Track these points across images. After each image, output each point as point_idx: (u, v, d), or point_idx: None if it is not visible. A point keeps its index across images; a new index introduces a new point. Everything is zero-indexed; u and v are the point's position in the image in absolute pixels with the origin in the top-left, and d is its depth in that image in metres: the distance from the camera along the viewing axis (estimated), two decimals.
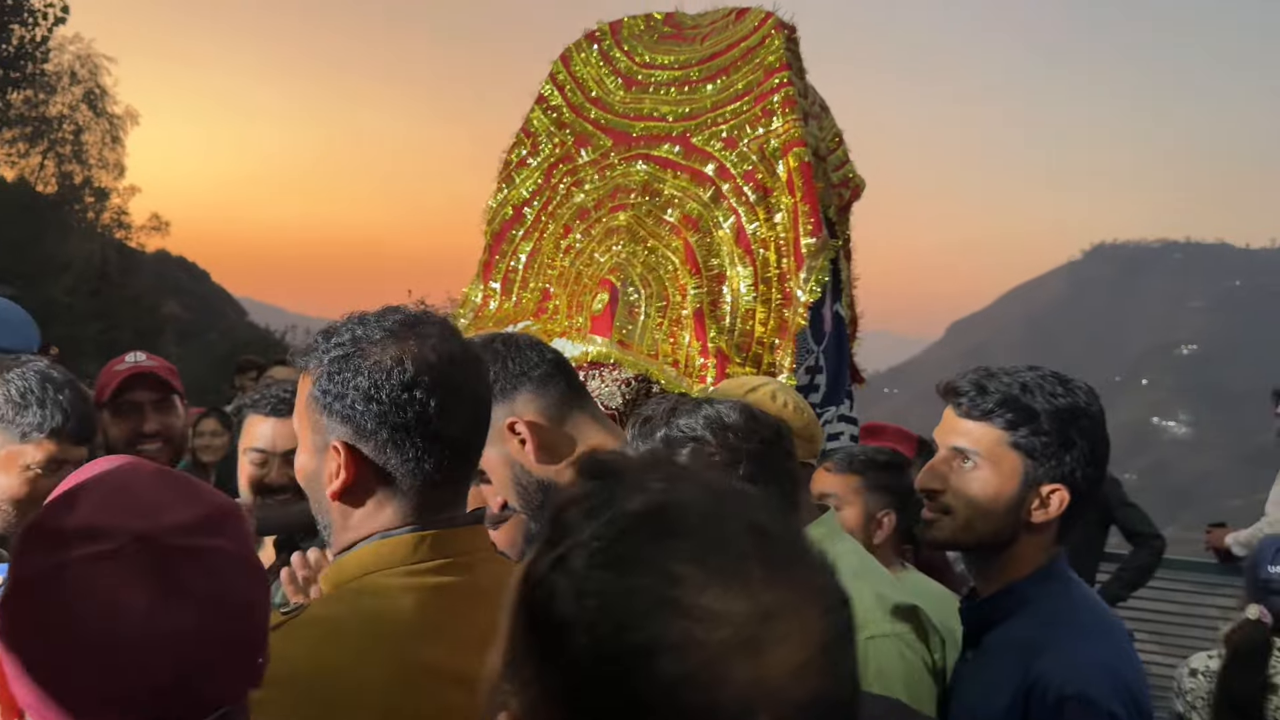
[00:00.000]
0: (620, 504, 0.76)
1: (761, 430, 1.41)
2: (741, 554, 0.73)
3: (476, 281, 3.28)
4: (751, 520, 0.76)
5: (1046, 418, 1.72)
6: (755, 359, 2.71)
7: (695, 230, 2.83)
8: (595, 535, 0.74)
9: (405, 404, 1.38)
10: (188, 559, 1.01)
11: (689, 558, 0.72)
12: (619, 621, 0.71)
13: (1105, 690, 1.63)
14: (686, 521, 0.74)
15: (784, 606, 0.72)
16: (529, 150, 3.28)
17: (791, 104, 2.83)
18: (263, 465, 2.46)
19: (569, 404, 1.87)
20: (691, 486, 0.78)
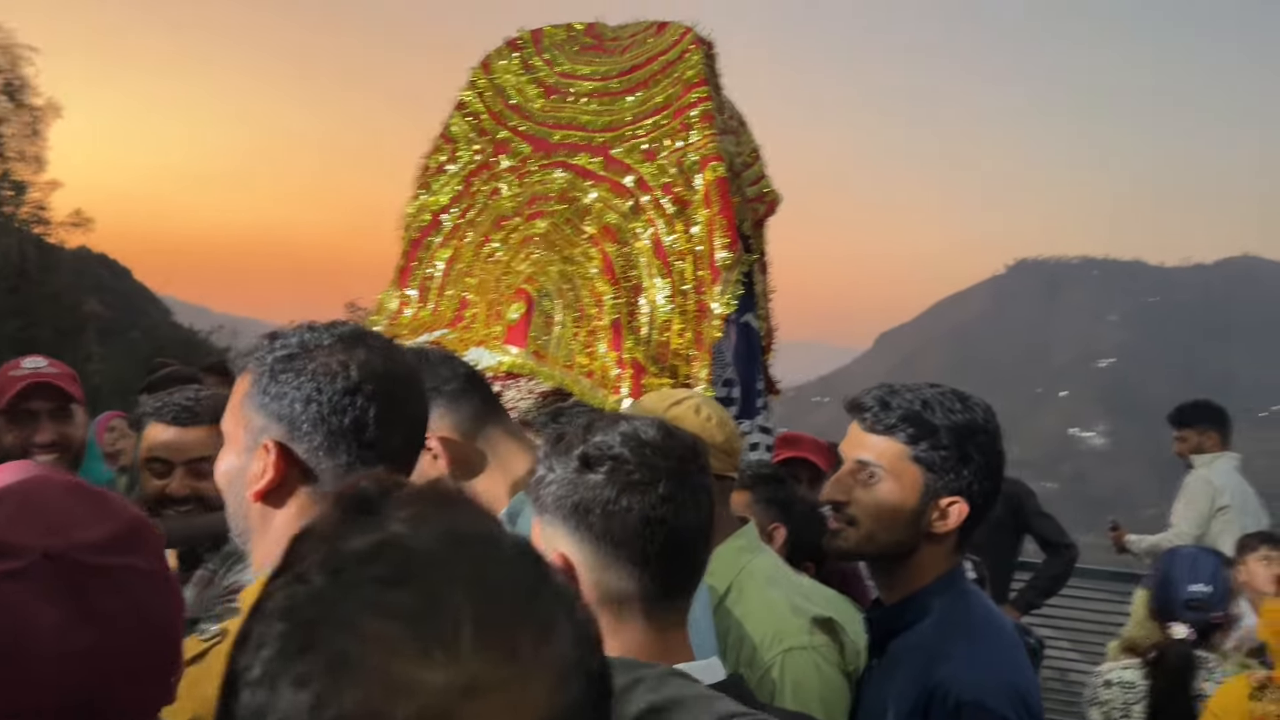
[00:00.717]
0: (346, 541, 0.66)
1: (678, 447, 1.38)
2: (455, 613, 0.62)
3: (393, 287, 3.24)
4: (480, 573, 0.65)
5: (945, 433, 1.79)
6: (672, 370, 2.72)
7: (614, 241, 2.83)
8: (301, 576, 0.65)
9: (345, 409, 1.36)
10: (98, 578, 0.99)
11: (398, 613, 0.61)
12: (284, 680, 0.61)
13: (999, 696, 1.69)
14: (405, 568, 0.64)
15: (494, 679, 0.61)
16: (448, 156, 3.25)
17: (709, 119, 2.85)
18: (164, 475, 2.39)
19: (483, 418, 1.86)
20: (432, 526, 0.67)
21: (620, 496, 1.30)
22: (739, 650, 1.98)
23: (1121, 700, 2.85)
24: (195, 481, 2.38)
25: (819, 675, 1.95)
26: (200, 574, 2.40)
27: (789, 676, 1.93)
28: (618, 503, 1.30)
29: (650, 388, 2.61)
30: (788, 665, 1.94)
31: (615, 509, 1.30)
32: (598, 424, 1.42)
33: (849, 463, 1.86)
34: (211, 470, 2.38)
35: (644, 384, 2.63)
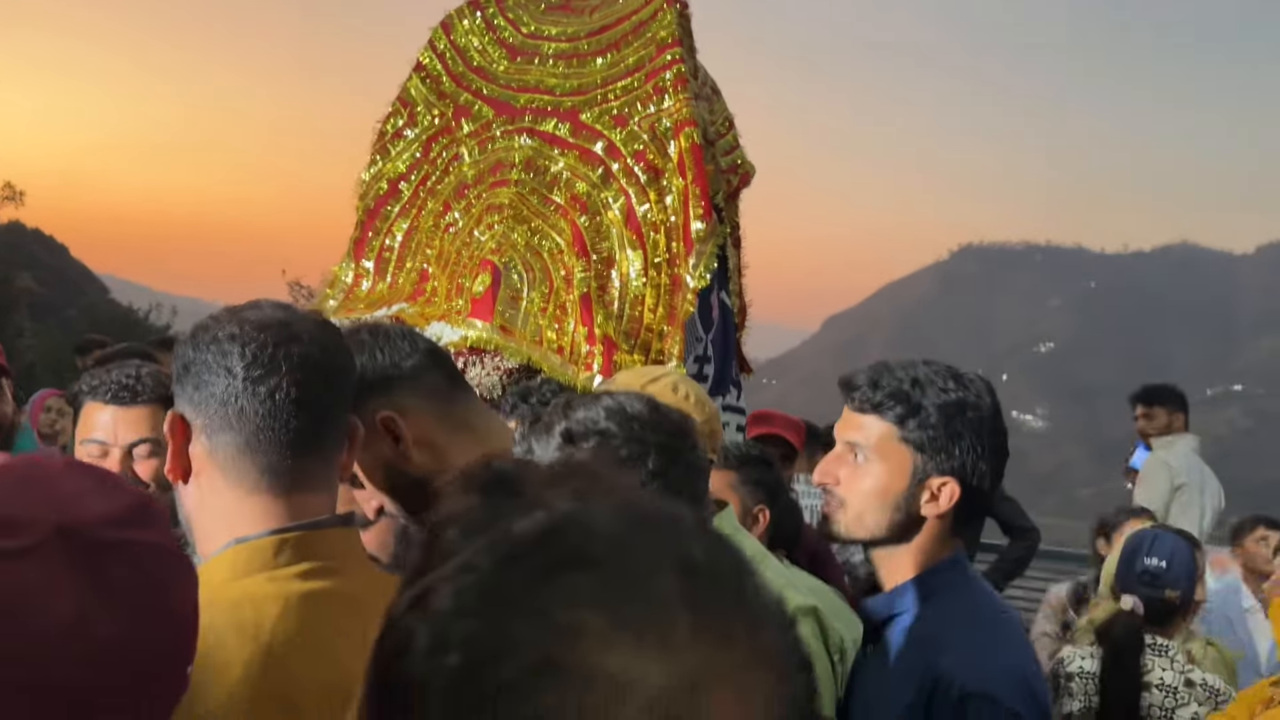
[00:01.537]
0: (507, 523, 0.57)
1: (666, 421, 1.33)
2: (663, 599, 0.53)
3: (347, 260, 3.09)
4: (681, 552, 0.56)
5: (935, 412, 1.72)
6: (644, 346, 2.61)
7: (584, 212, 2.70)
8: (467, 566, 0.55)
9: (254, 393, 1.29)
10: (115, 555, 0.86)
11: (590, 601, 0.53)
12: (485, 691, 0.52)
13: (1007, 689, 1.63)
14: (591, 550, 0.55)
15: (718, 672, 0.53)
16: (406, 121, 3.09)
17: (683, 82, 2.73)
18: (102, 458, 2.23)
19: (446, 396, 1.74)
20: (607, 504, 0.59)
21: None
22: None
23: (1083, 691, 2.83)
24: (135, 464, 2.24)
25: None
26: None
27: None
28: None
29: (622, 364, 2.51)
30: None
31: None
32: (578, 400, 1.35)
33: (839, 444, 1.79)
34: (152, 452, 2.25)
35: (615, 360, 2.52)
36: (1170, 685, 2.76)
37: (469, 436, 1.73)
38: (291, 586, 1.30)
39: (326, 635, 1.30)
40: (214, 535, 1.34)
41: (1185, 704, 2.73)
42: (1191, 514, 5.21)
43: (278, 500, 1.32)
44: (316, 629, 1.30)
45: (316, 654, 1.28)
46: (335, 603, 1.32)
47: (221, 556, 1.32)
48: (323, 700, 1.28)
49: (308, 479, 1.34)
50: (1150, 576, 2.94)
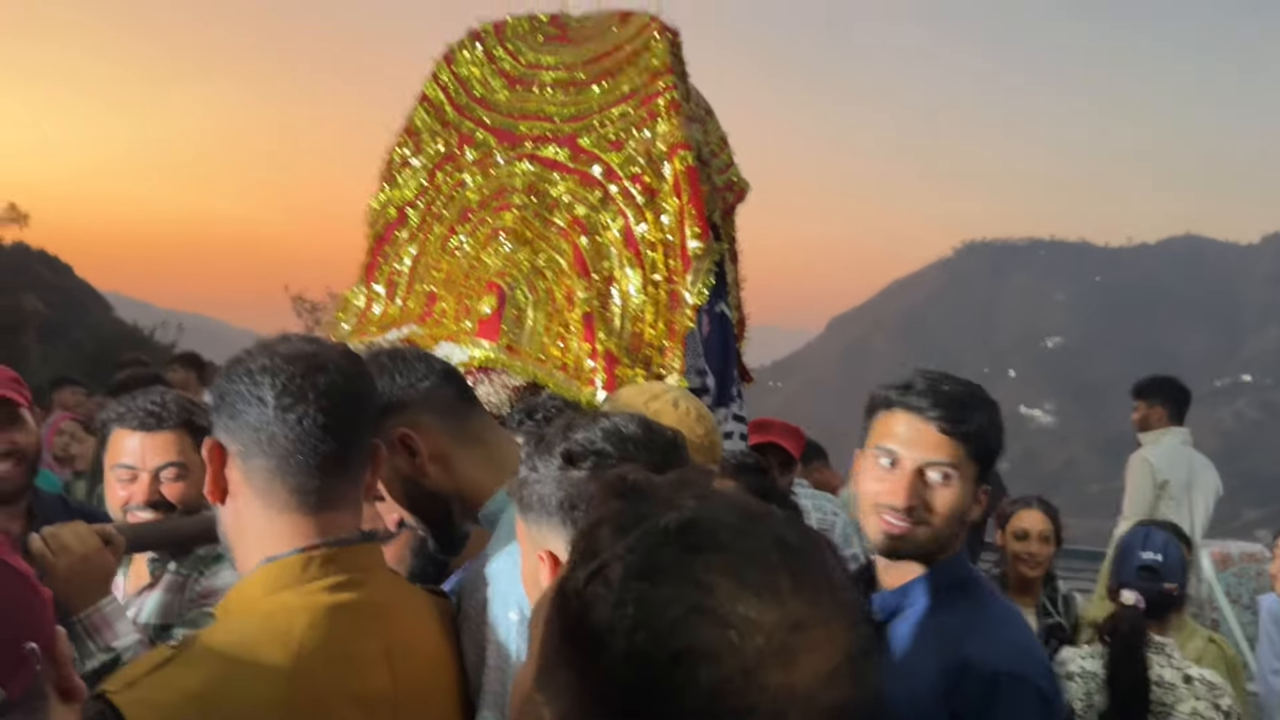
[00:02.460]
0: (654, 519, 0.79)
1: (659, 441, 1.42)
2: (771, 567, 0.76)
3: (359, 284, 3.20)
4: (779, 536, 0.79)
5: (990, 430, 1.87)
6: (645, 361, 2.71)
7: (584, 233, 2.81)
8: (630, 548, 0.77)
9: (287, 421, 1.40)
10: None
11: (722, 569, 0.74)
12: (656, 628, 0.73)
13: (1033, 668, 1.78)
14: (717, 536, 0.77)
15: (813, 617, 0.75)
16: (412, 150, 3.20)
17: (676, 107, 2.84)
18: (131, 482, 2.34)
19: (459, 414, 1.85)
20: (721, 504, 0.81)
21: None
22: None
23: (1084, 690, 2.88)
24: (162, 487, 2.35)
25: None
26: (170, 579, 2.36)
27: None
28: None
29: (624, 379, 2.60)
30: None
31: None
32: (578, 422, 1.44)
33: (914, 462, 1.83)
34: (179, 475, 2.36)
35: (617, 375, 2.62)
36: (1169, 682, 2.80)
37: (480, 451, 1.84)
38: (319, 599, 1.40)
39: (352, 644, 1.40)
40: (249, 553, 1.46)
41: (1184, 700, 2.78)
42: (1180, 510, 5.24)
43: (306, 519, 1.43)
44: (343, 638, 1.40)
45: (343, 661, 1.39)
46: (360, 613, 1.43)
47: (254, 574, 1.43)
48: (349, 703, 1.38)
49: (335, 499, 1.45)
50: (1149, 571, 3.01)
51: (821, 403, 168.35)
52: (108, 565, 2.07)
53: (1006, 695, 1.72)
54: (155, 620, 2.31)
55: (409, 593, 1.62)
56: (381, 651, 1.43)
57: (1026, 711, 1.73)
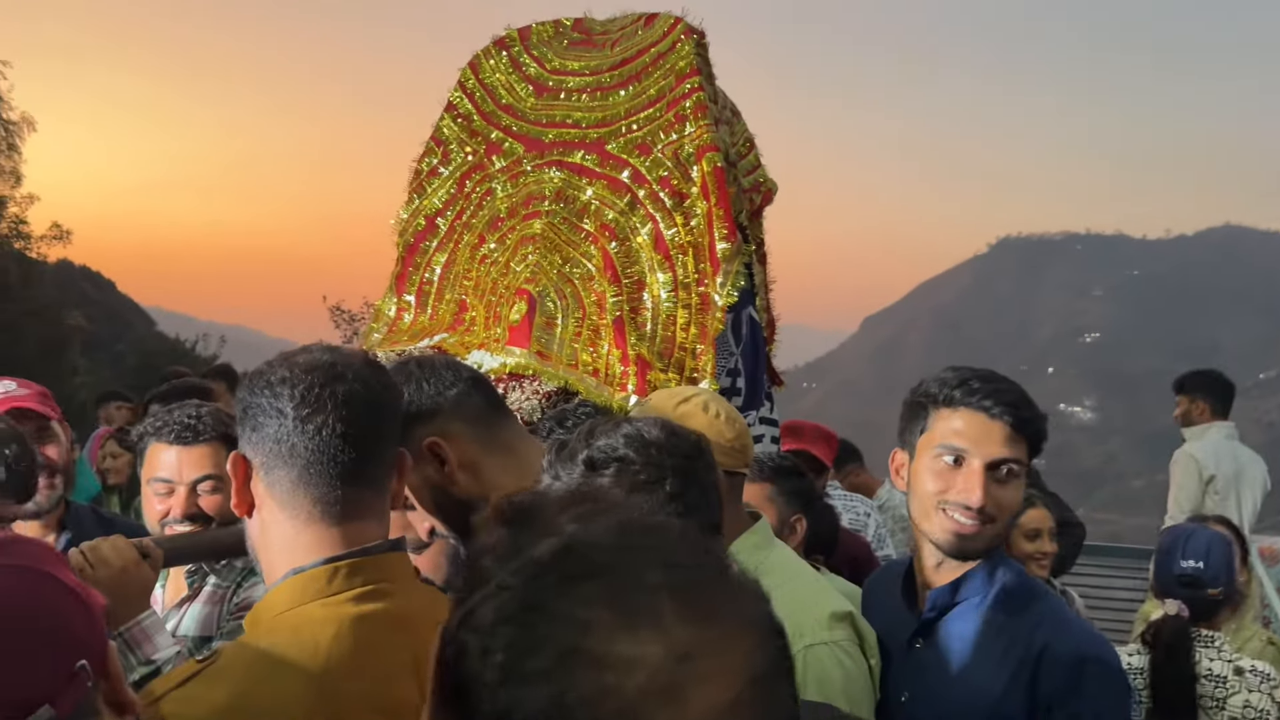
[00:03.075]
0: (528, 550, 0.72)
1: (682, 445, 1.40)
2: (653, 592, 0.69)
3: (389, 294, 3.21)
4: (665, 555, 0.72)
5: (1044, 427, 1.90)
6: (678, 364, 2.70)
7: (613, 238, 2.80)
8: (502, 585, 0.71)
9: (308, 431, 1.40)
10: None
11: (598, 601, 0.68)
12: (524, 677, 0.67)
13: (1111, 653, 1.83)
14: (594, 561, 0.70)
15: (703, 645, 0.68)
16: (440, 159, 3.21)
17: (703, 109, 2.83)
18: (168, 495, 2.36)
19: (488, 422, 1.85)
20: (603, 523, 0.74)
21: (629, 497, 1.31)
22: None
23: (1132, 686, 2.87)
24: (200, 500, 2.36)
25: (842, 670, 1.93)
26: (209, 590, 2.38)
27: (811, 672, 1.91)
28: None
29: (656, 383, 2.59)
30: (809, 661, 1.92)
31: None
32: (600, 428, 1.42)
33: (985, 459, 1.83)
34: (215, 488, 2.37)
35: (649, 379, 2.61)
36: (1219, 675, 2.78)
37: (509, 459, 1.83)
38: (345, 610, 1.39)
39: (379, 654, 1.39)
40: (276, 564, 1.45)
41: (1236, 692, 2.75)
42: (1228, 505, 5.15)
43: (331, 529, 1.42)
44: (370, 649, 1.39)
45: (370, 673, 1.38)
46: (386, 623, 1.42)
47: (281, 587, 1.42)
48: (376, 715, 1.37)
49: (359, 508, 1.44)
50: (1189, 579, 2.95)
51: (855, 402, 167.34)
52: (146, 579, 2.09)
53: (1093, 679, 1.76)
54: (195, 633, 2.32)
55: (438, 601, 1.62)
56: (409, 662, 1.42)
57: (1112, 693, 1.77)
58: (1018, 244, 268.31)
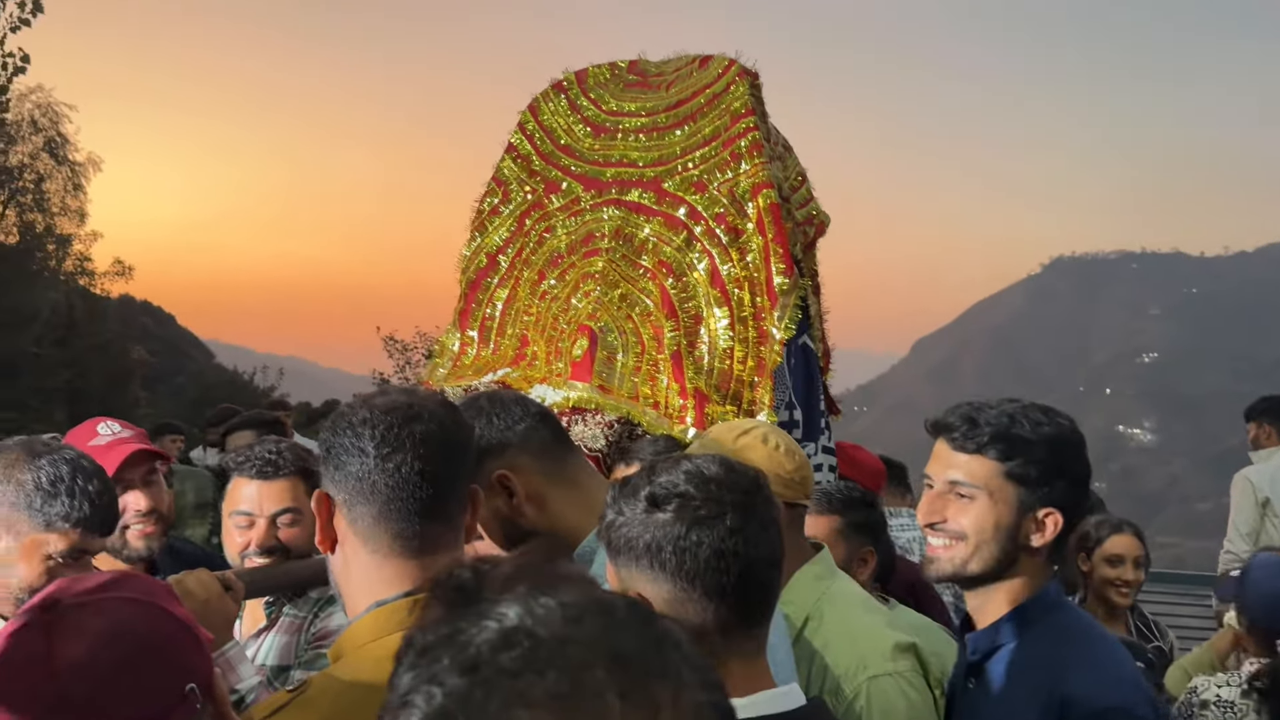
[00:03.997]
0: (465, 635, 0.69)
1: (741, 480, 1.42)
2: (597, 690, 0.65)
3: (453, 329, 3.30)
4: (608, 645, 0.68)
5: (1038, 447, 1.82)
6: (735, 397, 2.75)
7: (671, 274, 2.87)
8: (436, 679, 0.67)
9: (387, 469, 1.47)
10: (81, 609, 1.20)
11: (541, 702, 0.64)
12: None
13: (1139, 700, 1.76)
14: (536, 655, 0.67)
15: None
16: (500, 198, 3.31)
17: (758, 148, 2.89)
18: (249, 528, 2.45)
19: (555, 456, 1.91)
20: (544, 606, 0.70)
21: (690, 532, 1.35)
22: (822, 679, 1.99)
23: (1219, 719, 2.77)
24: (279, 533, 2.44)
25: (905, 701, 1.95)
26: (286, 621, 2.46)
27: (875, 704, 1.93)
28: (688, 538, 1.35)
29: (714, 416, 2.64)
30: (873, 692, 1.94)
31: (686, 544, 1.35)
32: (660, 465, 1.46)
33: (940, 483, 1.88)
34: (294, 521, 2.46)
35: (708, 412, 2.67)
36: None
37: (574, 492, 1.89)
38: None
39: None
40: (357, 598, 1.52)
41: None
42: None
43: (409, 563, 1.48)
44: None
45: None
46: None
47: (364, 619, 1.49)
48: None
49: (435, 543, 1.50)
50: None
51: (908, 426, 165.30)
52: (229, 610, 2.17)
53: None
54: (274, 662, 2.40)
55: None
56: None
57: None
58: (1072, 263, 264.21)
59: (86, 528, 2.00)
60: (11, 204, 28.48)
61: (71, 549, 1.99)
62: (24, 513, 1.96)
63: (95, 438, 2.44)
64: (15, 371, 21.67)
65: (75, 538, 1.99)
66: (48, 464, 1.99)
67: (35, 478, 1.97)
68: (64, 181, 30.45)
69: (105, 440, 2.46)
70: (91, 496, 2.00)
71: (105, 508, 2.05)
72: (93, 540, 2.03)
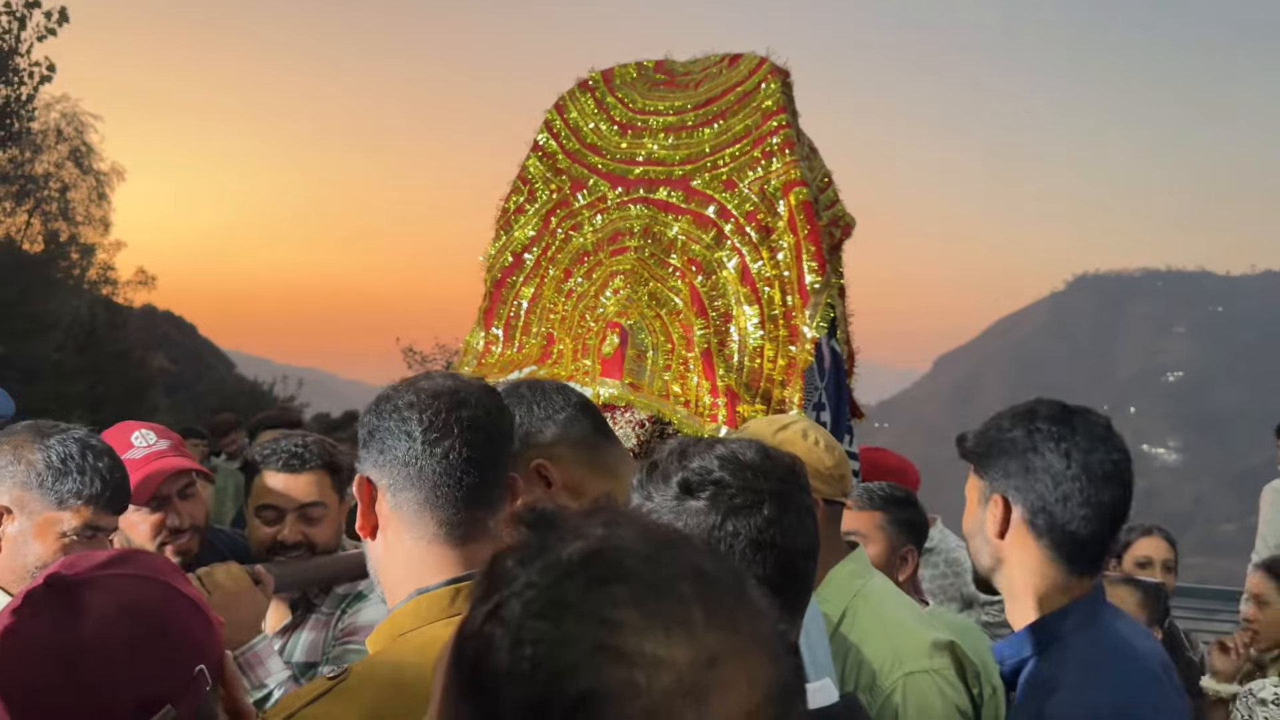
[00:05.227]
0: (555, 550, 0.72)
1: (778, 468, 1.37)
2: (682, 598, 0.70)
3: (477, 328, 3.29)
4: (692, 564, 0.73)
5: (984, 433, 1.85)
6: (765, 396, 2.72)
7: (700, 272, 2.85)
8: (530, 583, 0.71)
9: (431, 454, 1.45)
10: (86, 586, 1.18)
11: (628, 603, 0.68)
12: (556, 670, 0.67)
13: (1130, 713, 1.65)
14: (624, 566, 0.71)
15: (728, 652, 0.69)
16: (526, 197, 3.30)
17: (790, 145, 2.87)
18: (275, 523, 2.44)
19: (594, 445, 1.90)
20: (629, 531, 0.74)
21: (725, 521, 1.29)
22: (857, 675, 1.96)
23: None
24: (305, 527, 2.44)
25: (942, 699, 1.92)
26: (315, 617, 2.45)
27: (911, 701, 1.91)
28: (723, 528, 1.29)
29: (745, 415, 2.62)
30: (909, 689, 1.91)
31: (721, 535, 1.29)
32: (692, 449, 1.40)
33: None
34: (320, 515, 2.45)
35: (739, 411, 2.64)
36: None
37: (612, 483, 1.87)
38: None
39: None
40: (399, 584, 1.50)
41: None
42: None
43: (453, 551, 1.47)
44: None
45: None
46: None
47: (406, 607, 1.47)
48: None
49: (478, 530, 1.48)
50: None
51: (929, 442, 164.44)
52: (259, 604, 2.16)
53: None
54: (301, 658, 2.39)
55: None
56: None
57: None
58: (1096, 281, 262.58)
59: (99, 504, 2.00)
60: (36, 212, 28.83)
61: (85, 525, 1.99)
62: (35, 491, 1.97)
63: (130, 449, 2.39)
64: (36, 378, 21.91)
65: (88, 514, 1.99)
66: (57, 443, 2.00)
67: (45, 456, 1.98)
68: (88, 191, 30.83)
69: (141, 453, 2.41)
70: (103, 473, 2.01)
71: (117, 484, 2.05)
72: (106, 517, 2.04)
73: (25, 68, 19.86)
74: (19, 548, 1.97)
